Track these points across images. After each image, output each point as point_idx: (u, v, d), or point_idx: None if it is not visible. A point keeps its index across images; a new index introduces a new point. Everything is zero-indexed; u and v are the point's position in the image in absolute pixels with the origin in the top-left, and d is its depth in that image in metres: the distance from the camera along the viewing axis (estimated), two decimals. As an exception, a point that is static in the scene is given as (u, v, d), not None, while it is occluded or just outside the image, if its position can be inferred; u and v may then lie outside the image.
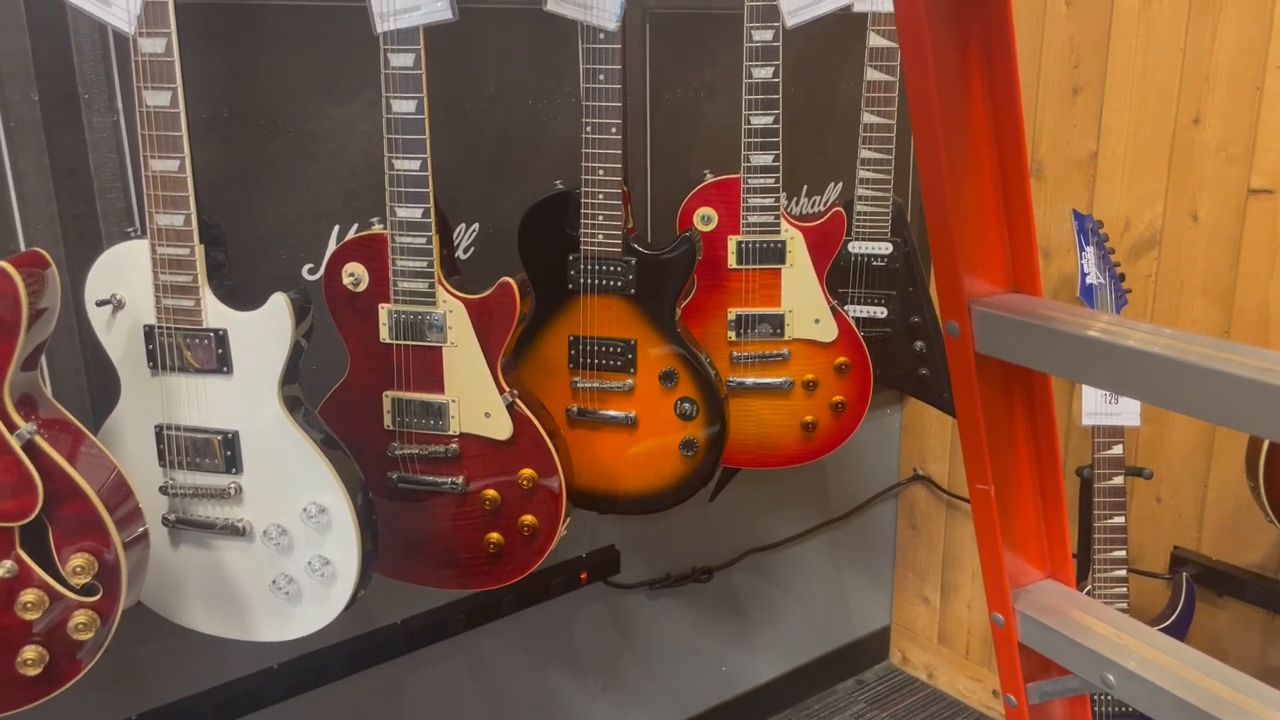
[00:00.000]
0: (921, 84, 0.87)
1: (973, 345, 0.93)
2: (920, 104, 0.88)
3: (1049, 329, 0.87)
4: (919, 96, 0.88)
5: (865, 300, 1.89)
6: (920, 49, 0.86)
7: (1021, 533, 1.03)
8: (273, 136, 1.50)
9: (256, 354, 1.26)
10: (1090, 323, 0.86)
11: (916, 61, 0.87)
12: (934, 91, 0.87)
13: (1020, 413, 1.01)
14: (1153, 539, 2.10)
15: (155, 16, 1.18)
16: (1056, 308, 0.91)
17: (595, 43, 1.47)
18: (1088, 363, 0.85)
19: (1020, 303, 0.93)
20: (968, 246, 0.94)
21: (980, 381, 0.95)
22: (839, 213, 1.71)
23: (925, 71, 0.86)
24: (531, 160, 1.73)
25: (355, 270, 1.40)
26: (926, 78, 0.87)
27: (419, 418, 1.43)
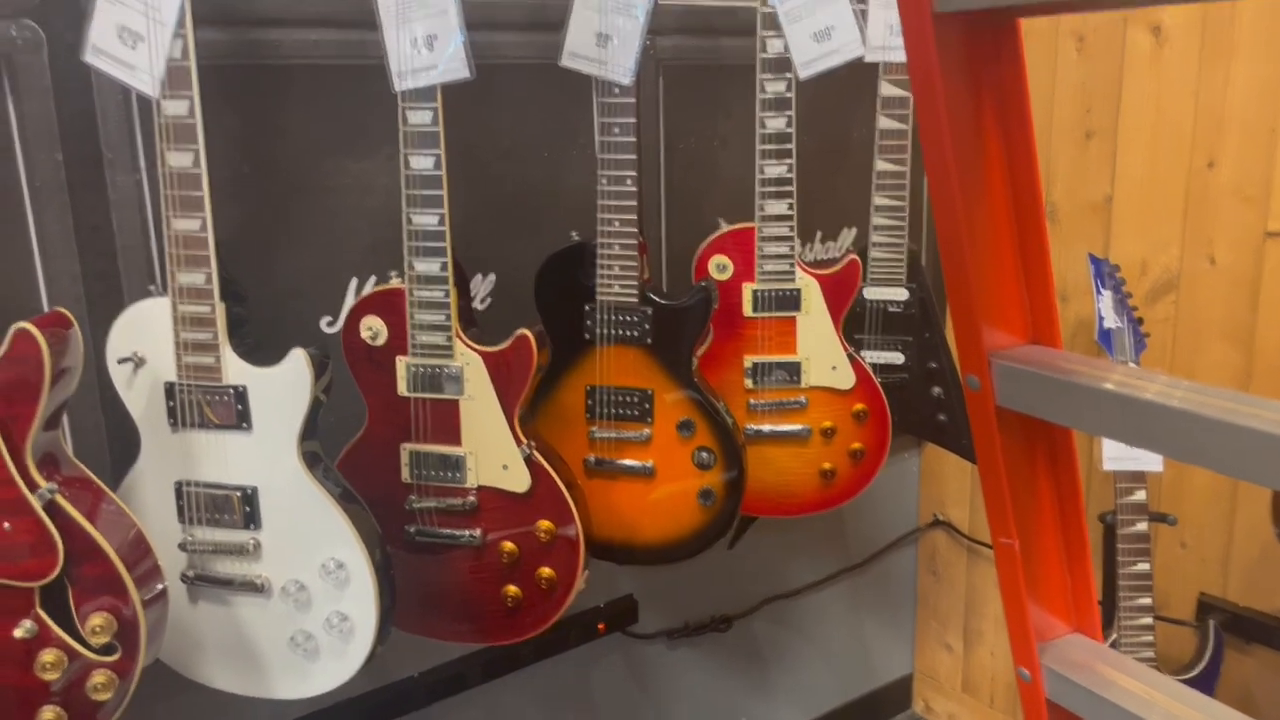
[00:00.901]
0: (936, 138, 0.88)
1: (993, 399, 0.93)
2: (935, 158, 0.90)
3: (1069, 383, 0.87)
4: (933, 150, 0.89)
5: (882, 346, 1.89)
6: (934, 103, 0.87)
7: (1046, 586, 1.03)
8: (293, 192, 1.53)
9: (276, 410, 1.28)
10: (1109, 375, 0.86)
11: (930, 115, 0.88)
12: (949, 146, 0.89)
13: (1043, 464, 1.01)
14: (1178, 585, 2.08)
15: (178, 80, 1.20)
16: (1076, 360, 0.92)
17: (610, 97, 1.49)
18: (1107, 416, 0.85)
19: (1040, 355, 0.94)
20: (986, 299, 0.95)
21: (1002, 434, 0.96)
22: (854, 260, 1.72)
23: (939, 126, 0.88)
24: (547, 211, 1.76)
25: (374, 324, 1.42)
26: (941, 133, 0.88)
27: (436, 470, 1.44)
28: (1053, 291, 0.95)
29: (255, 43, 1.46)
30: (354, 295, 1.58)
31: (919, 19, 0.83)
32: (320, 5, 1.50)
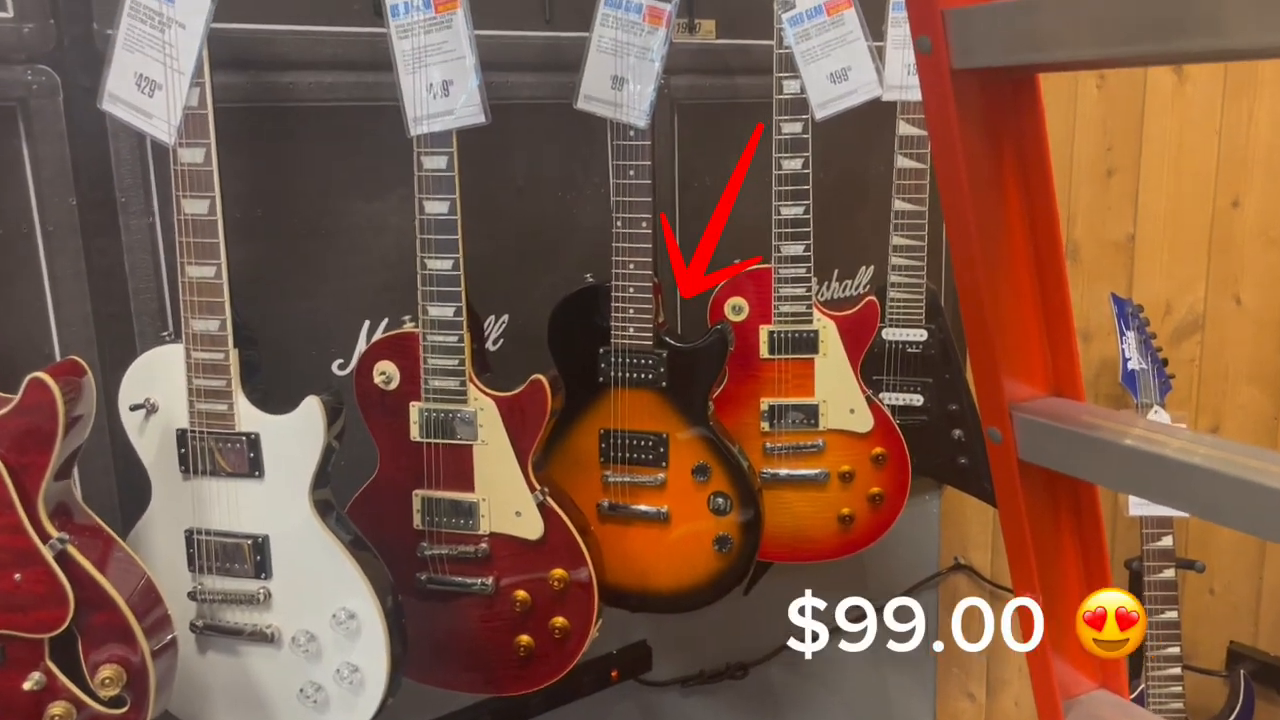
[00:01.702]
0: (955, 191, 0.91)
1: (1016, 452, 0.94)
2: (954, 211, 0.92)
3: (1091, 438, 0.88)
4: (952, 203, 0.92)
5: (901, 388, 1.91)
6: (953, 157, 0.90)
7: (1071, 640, 1.03)
8: (306, 234, 1.56)
9: (288, 458, 1.30)
10: (1131, 430, 0.87)
11: (949, 169, 0.90)
12: (968, 199, 0.91)
13: (1067, 517, 1.02)
14: (1207, 634, 2.07)
15: (195, 128, 1.24)
16: (1098, 414, 0.93)
17: (625, 139, 1.52)
18: (1130, 473, 0.86)
19: (1062, 408, 0.95)
20: (1007, 351, 0.96)
21: (1025, 488, 0.97)
22: (872, 301, 1.74)
23: (958, 180, 0.90)
24: (561, 252, 1.78)
25: (386, 369, 1.44)
26: (960, 186, 0.90)
27: (449, 517, 1.46)
28: (1074, 341, 0.97)
29: (270, 85, 1.50)
30: (366, 339, 1.61)
31: (937, 75, 0.86)
32: (335, 48, 1.53)
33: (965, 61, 0.84)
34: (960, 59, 0.84)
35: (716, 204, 1.94)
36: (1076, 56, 0.76)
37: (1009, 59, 0.81)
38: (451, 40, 1.33)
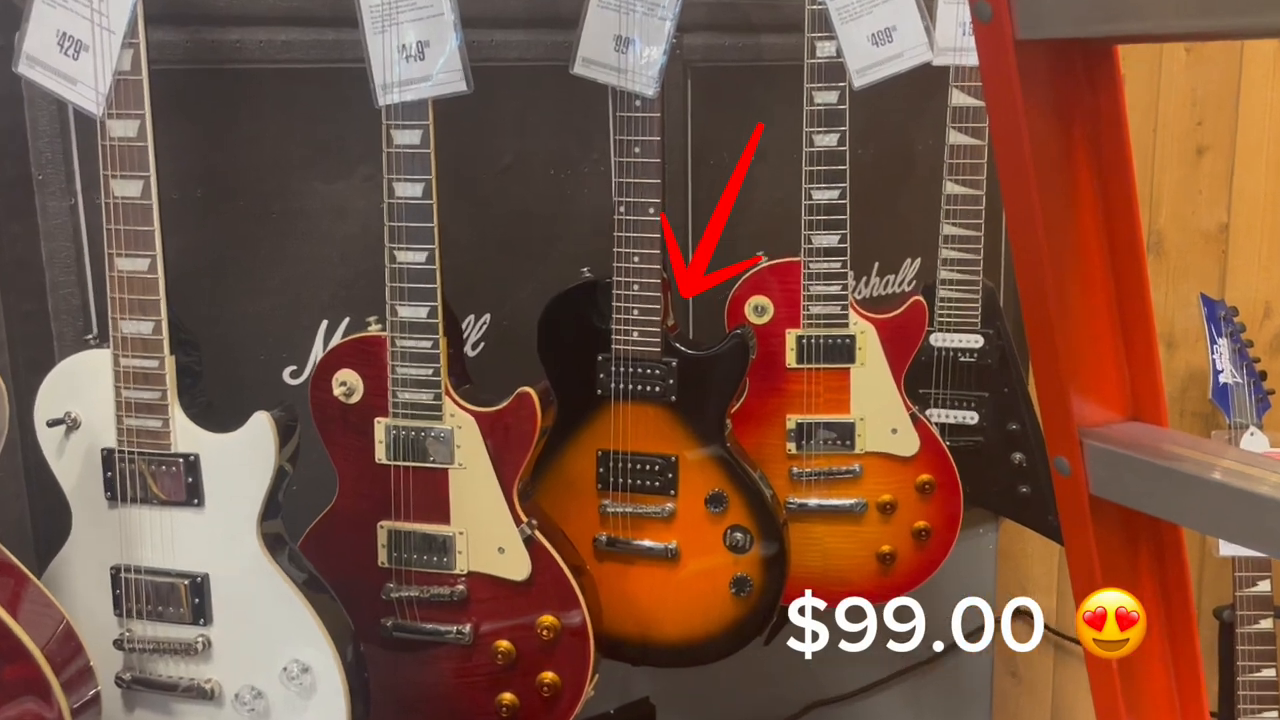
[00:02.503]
0: (1019, 179, 0.92)
1: (1086, 487, 0.95)
2: (1017, 201, 0.93)
3: (1174, 471, 0.89)
4: (1016, 193, 0.93)
5: (952, 404, 1.92)
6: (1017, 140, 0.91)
7: (1149, 702, 1.04)
8: (255, 219, 1.57)
9: (233, 483, 1.31)
10: (1219, 463, 0.88)
11: (1012, 154, 0.91)
12: (1034, 189, 0.92)
13: (1146, 562, 1.03)
14: (1312, 695, 2.08)
15: (127, 96, 1.25)
16: (1185, 442, 0.94)
17: (630, 111, 1.53)
18: (1218, 512, 0.87)
19: (1141, 435, 0.96)
20: (1077, 365, 0.97)
21: (1096, 527, 0.98)
22: (918, 302, 1.75)
23: (1023, 167, 0.91)
24: (553, 241, 1.79)
25: (348, 379, 1.45)
26: (1024, 174, 0.91)
27: (420, 553, 1.47)
28: (1156, 353, 0.98)
29: (214, 44, 1.51)
30: (324, 343, 1.62)
31: (999, 46, 0.87)
32: (291, 0, 1.54)
33: (1032, 31, 0.84)
34: (1026, 28, 0.84)
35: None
36: (1164, 29, 0.77)
37: (1083, 30, 0.82)
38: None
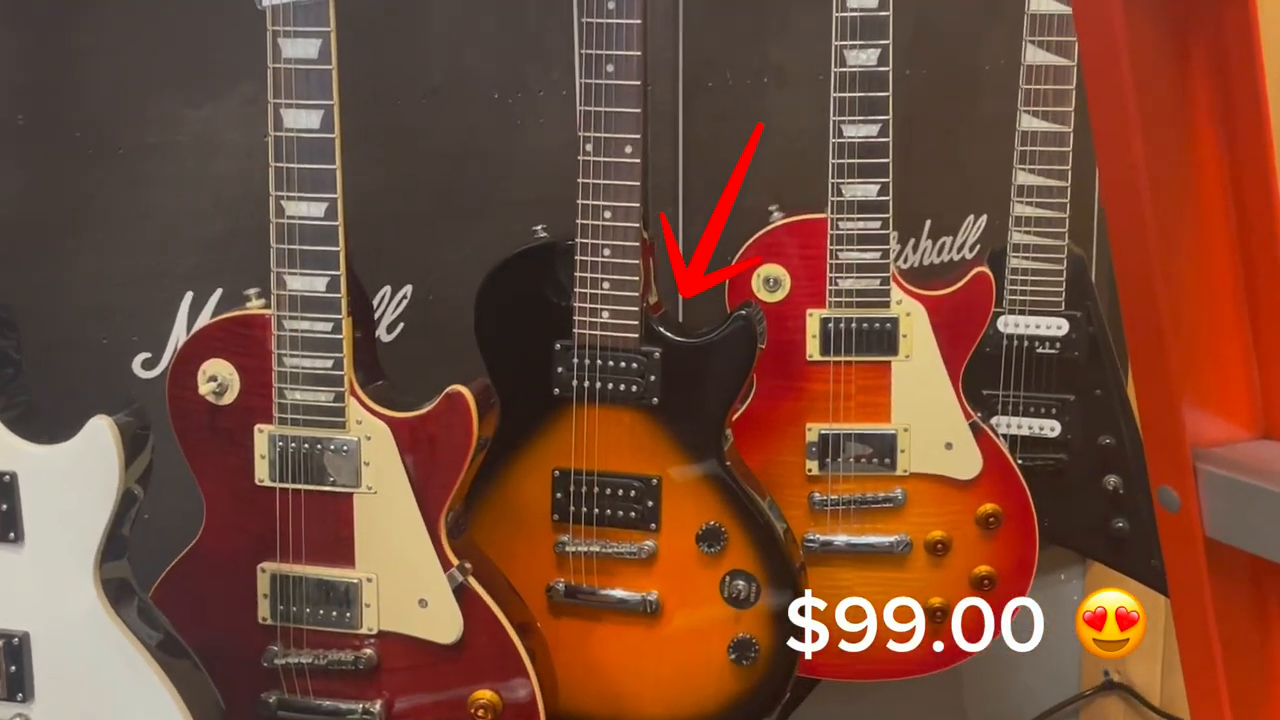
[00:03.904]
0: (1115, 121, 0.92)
1: (1201, 526, 0.96)
2: (1113, 150, 0.93)
3: (1319, 508, 0.90)
4: (1111, 139, 0.93)
5: (1026, 410, 1.92)
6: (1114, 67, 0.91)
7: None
8: (93, 155, 1.57)
9: (62, 512, 1.30)
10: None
11: (1107, 87, 0.92)
12: (1135, 136, 0.92)
13: (1277, 621, 1.04)
14: None
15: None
16: (1335, 470, 0.95)
17: (601, 16, 1.52)
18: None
19: (1275, 459, 0.97)
20: (1190, 367, 0.98)
21: (1212, 578, 0.98)
22: (983, 274, 1.75)
23: (1122, 104, 0.91)
24: (496, 188, 1.79)
25: (219, 371, 1.44)
26: (1124, 114, 0.92)
27: (315, 606, 1.47)
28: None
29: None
30: (188, 323, 1.62)
31: (1093, -58, 0.87)
32: None
33: (1136, -78, 0.85)
34: (1129, -82, 0.85)
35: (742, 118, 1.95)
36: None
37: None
38: None
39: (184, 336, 1.61)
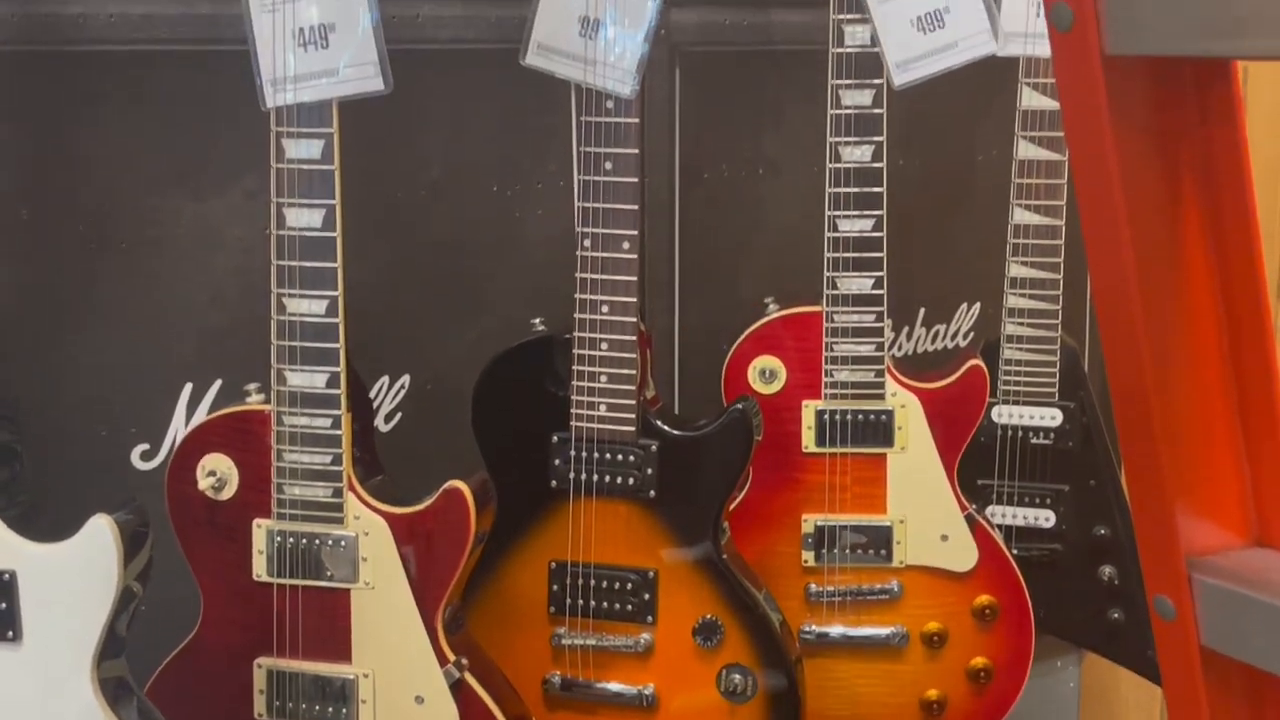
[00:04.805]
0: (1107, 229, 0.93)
1: (1196, 635, 0.96)
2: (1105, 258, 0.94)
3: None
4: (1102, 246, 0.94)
5: (1021, 500, 1.93)
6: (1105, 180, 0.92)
7: None
8: (96, 249, 1.58)
9: (61, 611, 1.30)
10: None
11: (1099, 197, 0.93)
12: (1127, 246, 0.93)
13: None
14: None
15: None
16: (1326, 578, 0.95)
17: (600, 115, 1.55)
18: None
19: (1270, 567, 0.97)
20: (1183, 473, 0.98)
21: (1210, 690, 0.98)
22: (976, 367, 1.76)
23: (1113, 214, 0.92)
24: (494, 280, 1.80)
25: (218, 466, 1.45)
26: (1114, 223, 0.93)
27: (311, 702, 1.46)
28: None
29: (50, 19, 1.52)
30: (187, 415, 1.62)
31: (1083, 62, 0.88)
32: (151, -37, 1.56)
33: (1125, 45, 0.86)
34: (1117, 41, 0.86)
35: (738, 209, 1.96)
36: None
37: (1193, 45, 0.84)
38: (335, -37, 1.36)
39: (183, 428, 1.62)
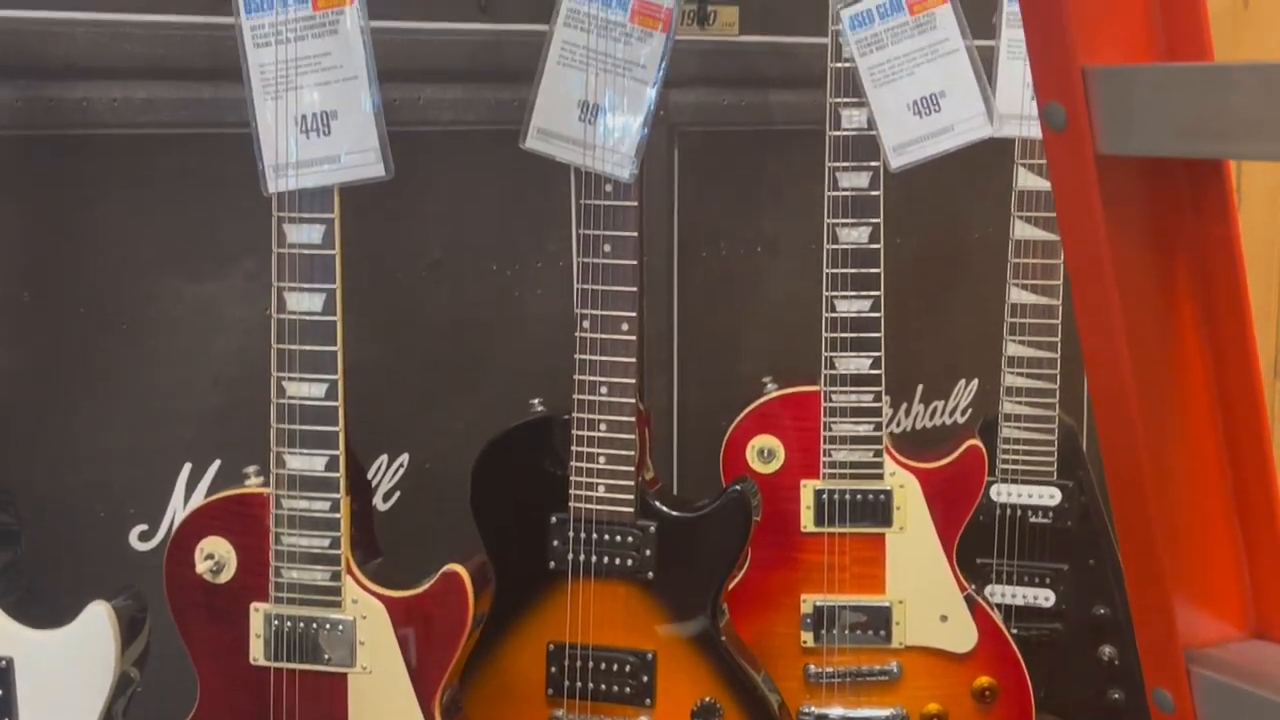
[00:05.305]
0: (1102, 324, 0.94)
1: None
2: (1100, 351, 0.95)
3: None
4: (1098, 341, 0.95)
5: (1021, 579, 1.92)
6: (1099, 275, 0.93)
7: None
8: (96, 329, 1.59)
9: (58, 698, 1.30)
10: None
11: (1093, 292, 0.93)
12: (1120, 339, 0.94)
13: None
14: None
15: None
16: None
17: (599, 198, 1.56)
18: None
19: (1269, 660, 0.97)
20: (1181, 565, 0.98)
21: (1211, 785, 0.98)
22: (974, 448, 1.76)
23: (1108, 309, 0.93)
24: (494, 359, 1.81)
25: (216, 549, 1.45)
26: (1109, 318, 0.93)
27: (309, 786, 1.46)
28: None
29: (54, 103, 1.53)
30: (185, 495, 1.62)
31: (1076, 161, 0.89)
32: (154, 47, 1.58)
33: (1118, 145, 0.87)
34: (1110, 141, 0.87)
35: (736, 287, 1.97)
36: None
37: (1183, 147, 0.85)
38: (338, 51, 1.37)
39: (182, 508, 1.62)
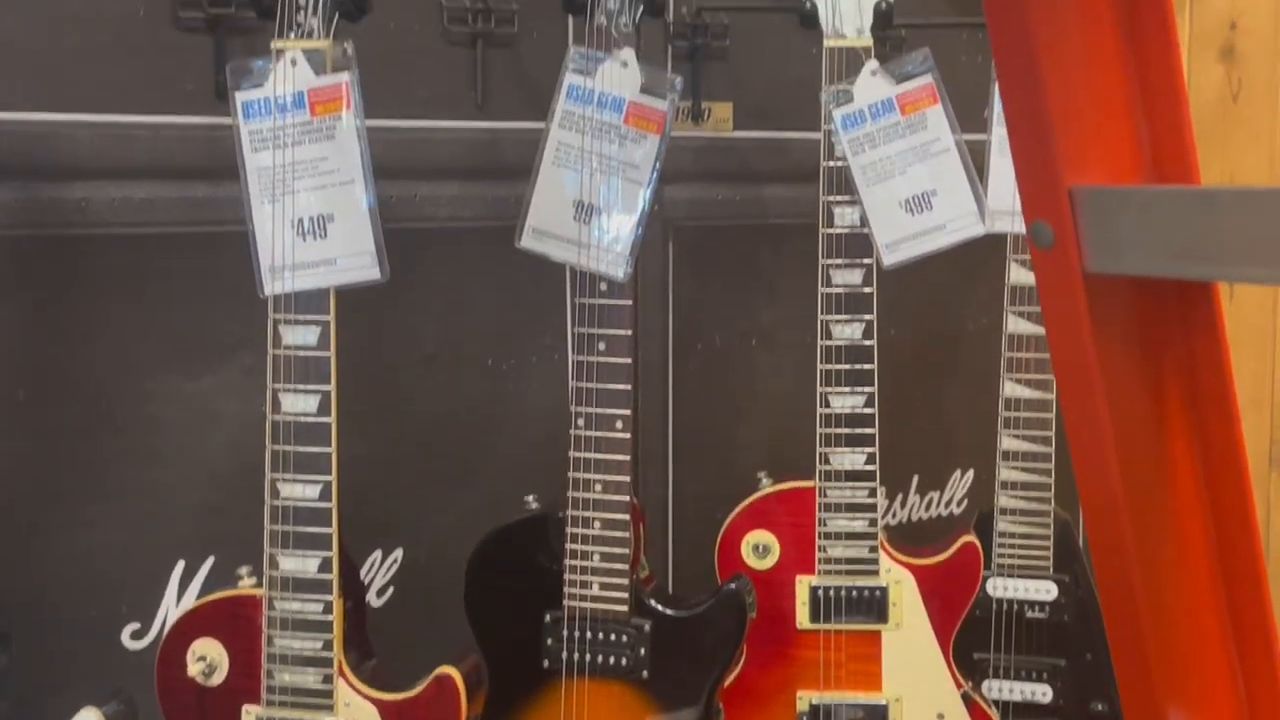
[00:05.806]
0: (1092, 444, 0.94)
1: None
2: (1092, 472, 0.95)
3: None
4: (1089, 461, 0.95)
5: (1018, 674, 1.91)
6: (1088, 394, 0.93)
7: None
8: (90, 428, 1.59)
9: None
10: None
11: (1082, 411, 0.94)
12: (1111, 459, 0.94)
13: None
14: None
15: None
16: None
17: (594, 296, 1.57)
18: None
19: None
20: (1175, 685, 0.98)
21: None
22: (970, 544, 1.76)
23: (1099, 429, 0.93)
24: (489, 454, 1.81)
25: (208, 651, 1.44)
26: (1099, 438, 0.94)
27: None
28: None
29: (52, 203, 1.55)
30: (178, 592, 1.62)
31: (1063, 279, 0.90)
32: (153, 148, 1.59)
33: (1105, 264, 0.87)
34: (1098, 260, 0.88)
35: (731, 381, 1.98)
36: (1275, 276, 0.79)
37: (1170, 268, 0.85)
38: (335, 155, 1.38)
39: (174, 606, 1.62)
